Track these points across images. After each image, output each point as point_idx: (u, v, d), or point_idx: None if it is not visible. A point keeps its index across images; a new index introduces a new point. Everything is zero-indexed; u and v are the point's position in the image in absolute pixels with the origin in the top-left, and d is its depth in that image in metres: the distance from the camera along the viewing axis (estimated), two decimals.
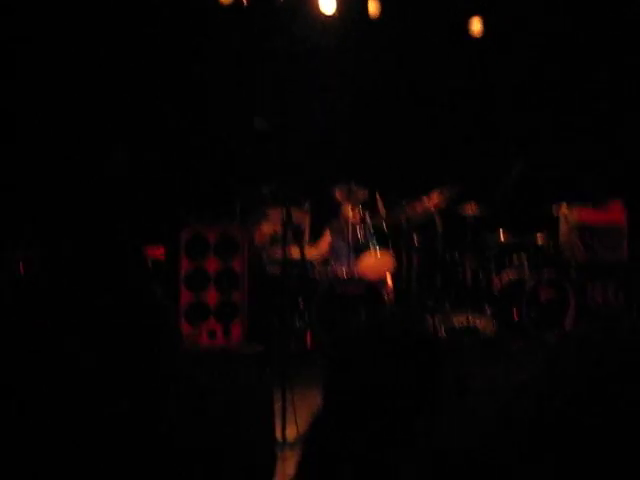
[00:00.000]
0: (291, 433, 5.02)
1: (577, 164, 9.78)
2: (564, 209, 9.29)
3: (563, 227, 9.39)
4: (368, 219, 8.44)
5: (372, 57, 9.86)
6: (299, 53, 9.45)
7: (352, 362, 1.64)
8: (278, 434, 4.82)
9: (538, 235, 8.98)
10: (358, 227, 8.33)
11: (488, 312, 8.97)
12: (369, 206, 8.67)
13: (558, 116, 10.16)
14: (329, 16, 9.19)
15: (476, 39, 9.92)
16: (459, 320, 8.93)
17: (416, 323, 8.02)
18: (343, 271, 8.23)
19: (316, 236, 8.96)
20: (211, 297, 8.08)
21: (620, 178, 9.58)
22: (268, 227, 8.29)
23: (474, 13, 9.87)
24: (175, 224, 8.04)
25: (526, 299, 8.57)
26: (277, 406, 4.84)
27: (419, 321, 8.31)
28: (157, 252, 8.04)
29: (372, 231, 8.49)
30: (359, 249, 8.48)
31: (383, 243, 8.63)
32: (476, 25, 9.90)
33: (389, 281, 8.64)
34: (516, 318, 8.71)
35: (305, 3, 9.35)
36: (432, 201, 8.54)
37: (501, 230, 8.92)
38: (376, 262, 8.31)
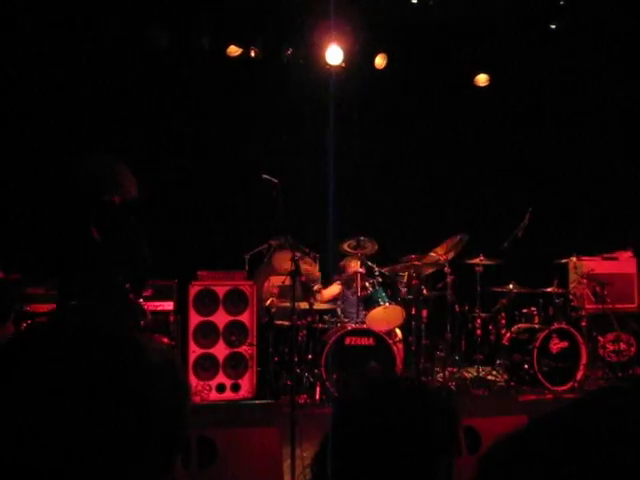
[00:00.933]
0: None
1: (586, 215, 9.82)
2: (574, 260, 9.28)
3: (573, 277, 9.37)
4: (376, 271, 8.43)
5: (379, 110, 9.97)
6: (306, 106, 9.56)
7: (362, 407, 1.61)
8: None
9: (549, 287, 8.95)
10: (366, 279, 8.32)
11: (499, 364, 8.91)
12: (377, 259, 8.68)
13: (566, 168, 10.22)
14: (336, 67, 9.35)
15: (480, 91, 10.05)
16: (469, 372, 8.88)
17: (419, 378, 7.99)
18: (352, 323, 8.20)
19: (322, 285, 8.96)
20: (220, 350, 8.08)
21: (630, 228, 9.60)
22: (277, 280, 8.29)
23: (479, 69, 10.02)
24: (185, 277, 8.07)
25: (537, 350, 8.51)
26: (287, 463, 4.78)
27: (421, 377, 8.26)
28: (167, 306, 8.04)
29: (380, 283, 8.47)
30: (368, 301, 8.46)
31: (392, 295, 8.61)
32: (482, 80, 10.04)
33: (398, 333, 8.61)
34: (528, 370, 8.64)
35: (312, 56, 9.51)
36: (440, 253, 8.54)
37: (511, 282, 8.89)
38: (385, 314, 8.28)
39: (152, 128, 9.12)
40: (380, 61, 9.91)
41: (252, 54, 9.67)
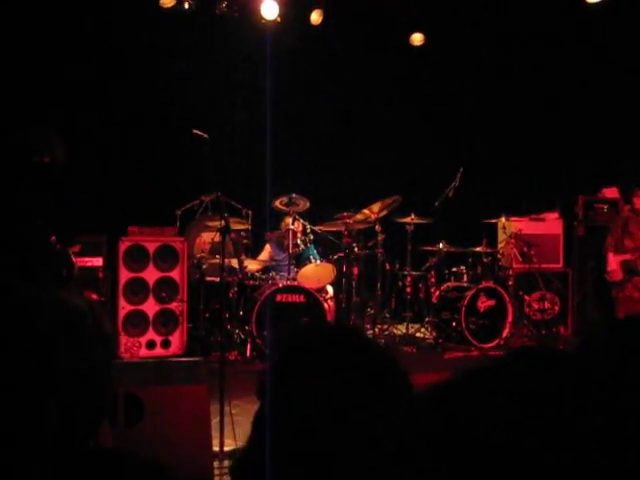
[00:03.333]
0: (229, 445, 4.98)
1: (515, 176, 9.97)
2: (502, 220, 9.45)
3: (501, 237, 9.55)
4: (309, 229, 8.44)
5: (314, 66, 9.89)
6: (241, 62, 9.43)
7: (296, 365, 1.60)
8: (216, 446, 4.76)
9: (478, 246, 9.09)
10: (299, 237, 8.32)
11: (428, 321, 9.06)
12: (310, 216, 8.69)
13: (495, 131, 10.33)
14: (271, 22, 9.22)
15: (417, 53, 10.06)
16: (399, 329, 9.01)
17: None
18: (284, 280, 8.22)
19: (257, 245, 8.95)
20: (150, 307, 8.02)
21: (557, 190, 9.80)
22: (209, 236, 8.24)
23: (415, 28, 10.00)
24: (114, 233, 7.95)
25: (465, 308, 8.67)
26: (215, 420, 4.78)
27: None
28: (96, 262, 7.92)
29: (312, 241, 8.49)
30: (299, 259, 8.48)
31: (323, 253, 8.64)
32: (417, 39, 10.04)
33: (329, 290, 8.67)
34: (455, 327, 8.81)
35: (247, 10, 9.36)
36: (373, 212, 8.59)
37: (441, 242, 9.00)
38: (316, 271, 8.32)
39: (83, 82, 8.87)
40: (316, 17, 9.81)
41: (185, 6, 9.46)
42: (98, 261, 7.91)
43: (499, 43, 10.03)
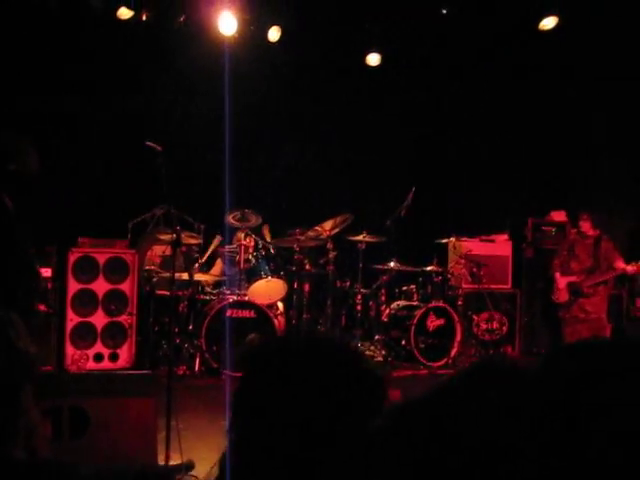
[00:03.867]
0: (175, 459, 4.95)
1: (466, 197, 10.10)
2: (453, 240, 9.56)
3: (452, 257, 9.66)
4: (260, 244, 8.45)
5: (271, 83, 9.92)
6: (195, 73, 9.43)
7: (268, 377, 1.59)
8: (162, 461, 4.73)
9: (429, 266, 9.19)
10: (250, 252, 8.32)
11: (377, 339, 9.11)
12: (262, 232, 8.70)
13: (447, 151, 10.47)
14: (229, 38, 9.23)
15: (371, 70, 10.15)
16: None
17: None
18: (234, 295, 8.20)
19: (208, 259, 8.92)
20: (99, 319, 7.95)
21: (507, 212, 9.96)
22: (160, 249, 8.20)
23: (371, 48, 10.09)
24: (64, 244, 7.86)
25: (414, 327, 8.75)
26: (162, 434, 4.75)
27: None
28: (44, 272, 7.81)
29: (264, 257, 8.50)
30: (250, 274, 8.47)
31: (275, 269, 8.65)
32: (373, 60, 10.12)
33: (280, 306, 8.67)
34: (405, 346, 8.87)
35: (205, 25, 9.36)
36: (325, 229, 8.63)
37: (392, 260, 9.07)
38: (267, 287, 8.32)
39: (38, 90, 8.78)
40: (274, 34, 9.86)
41: (143, 17, 9.44)
42: (47, 272, 7.80)
43: (452, 64, 10.16)
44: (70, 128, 9.01)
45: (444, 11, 9.46)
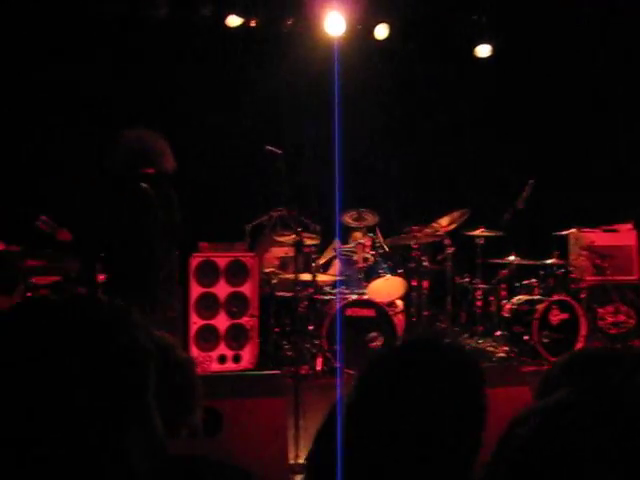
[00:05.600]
0: (304, 458, 5.00)
1: (587, 188, 9.80)
2: (574, 232, 9.30)
3: (573, 249, 9.39)
4: (378, 243, 8.44)
5: (380, 80, 9.90)
6: (303, 75, 9.50)
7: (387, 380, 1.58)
8: (291, 459, 4.78)
9: (549, 259, 8.96)
10: (368, 251, 8.33)
11: (499, 335, 8.94)
12: (379, 230, 8.68)
13: (567, 141, 10.18)
14: (337, 38, 9.26)
15: (484, 65, 9.99)
16: (469, 343, 8.90)
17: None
18: (353, 295, 8.22)
19: (326, 260, 8.97)
20: (221, 322, 8.10)
21: (631, 201, 9.60)
22: (278, 251, 8.30)
23: (481, 40, 9.93)
24: (186, 249, 8.04)
25: (537, 322, 8.53)
26: (291, 433, 4.80)
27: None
28: None
29: (382, 255, 8.48)
30: (369, 273, 8.48)
31: (393, 267, 8.62)
32: (483, 51, 9.97)
33: (399, 304, 8.63)
34: (527, 341, 8.67)
35: (312, 26, 9.43)
36: (442, 225, 8.54)
37: (512, 254, 8.90)
38: (386, 285, 8.31)
39: (154, 100, 9.04)
40: (381, 31, 9.83)
41: (252, 24, 9.59)
42: None
43: (570, 51, 9.88)
44: (188, 135, 9.23)
45: None
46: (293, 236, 5.47)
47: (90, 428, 1.13)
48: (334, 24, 9.29)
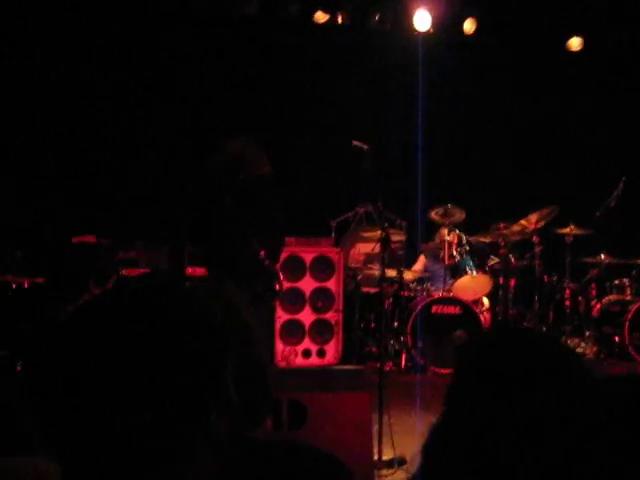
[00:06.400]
0: (388, 454, 4.99)
1: None
2: None
3: None
4: (464, 240, 8.36)
5: (468, 76, 9.80)
6: (394, 73, 9.48)
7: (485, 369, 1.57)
8: (375, 455, 4.78)
9: None
10: (454, 248, 8.27)
11: (588, 336, 8.74)
12: (466, 227, 8.60)
13: None
14: (424, 33, 9.23)
15: (573, 56, 9.78)
16: None
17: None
18: (439, 291, 8.17)
19: (412, 256, 8.93)
20: (306, 316, 8.14)
21: None
22: (364, 247, 8.30)
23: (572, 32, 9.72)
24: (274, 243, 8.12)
25: (629, 323, 8.30)
26: (374, 428, 4.80)
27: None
28: None
29: (468, 252, 8.40)
30: (455, 270, 8.41)
31: (479, 264, 8.53)
32: (575, 44, 9.76)
33: (485, 302, 8.53)
34: (618, 342, 8.45)
35: (400, 21, 9.41)
36: (530, 222, 8.40)
37: (603, 253, 8.68)
38: (472, 283, 8.22)
39: (241, 96, 9.17)
40: (469, 26, 9.72)
41: (339, 20, 9.62)
42: None
43: None
44: (273, 130, 9.33)
45: None
46: (379, 232, 5.44)
47: (174, 407, 1.18)
48: (421, 19, 9.24)
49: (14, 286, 6.64)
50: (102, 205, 8.48)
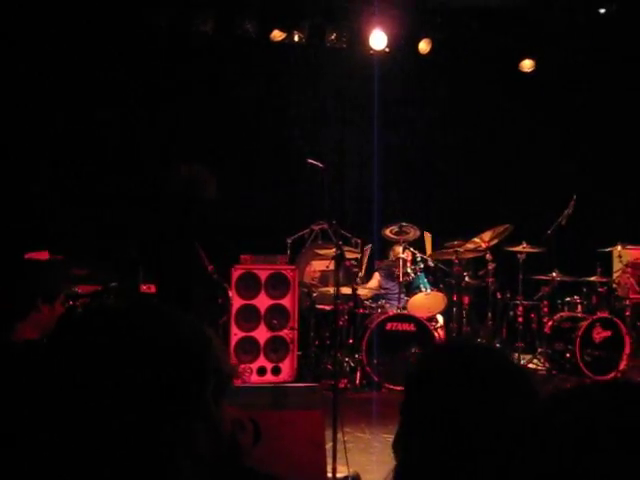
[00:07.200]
0: (342, 472, 4.99)
1: (632, 203, 9.68)
2: (618, 248, 9.17)
3: (617, 266, 9.26)
4: (419, 257, 8.43)
5: (422, 95, 9.91)
6: (346, 89, 9.57)
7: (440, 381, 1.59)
8: (329, 472, 4.77)
9: (592, 276, 8.85)
10: (409, 266, 8.32)
11: (540, 352, 8.85)
12: (420, 245, 8.67)
13: (609, 157, 10.08)
14: (379, 52, 9.32)
15: (528, 80, 9.95)
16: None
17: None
18: (394, 309, 8.21)
19: (366, 273, 8.98)
20: (261, 334, 8.12)
21: None
22: (319, 265, 8.32)
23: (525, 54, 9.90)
24: (227, 261, 8.11)
25: (580, 339, 8.42)
26: (329, 446, 4.80)
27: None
28: None
29: (422, 270, 8.47)
30: (410, 287, 8.47)
31: (434, 282, 8.60)
32: (527, 66, 9.93)
33: (440, 319, 8.60)
34: (569, 358, 8.56)
35: (356, 40, 9.50)
36: (484, 240, 8.50)
37: (554, 271, 8.81)
38: (426, 300, 8.28)
39: (196, 113, 9.16)
40: (424, 46, 9.84)
41: (296, 39, 9.67)
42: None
43: (608, 68, 9.80)
44: (230, 148, 9.34)
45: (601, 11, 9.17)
46: (334, 249, 5.46)
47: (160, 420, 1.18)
48: (376, 38, 9.33)
49: None
50: (56, 221, 8.38)
